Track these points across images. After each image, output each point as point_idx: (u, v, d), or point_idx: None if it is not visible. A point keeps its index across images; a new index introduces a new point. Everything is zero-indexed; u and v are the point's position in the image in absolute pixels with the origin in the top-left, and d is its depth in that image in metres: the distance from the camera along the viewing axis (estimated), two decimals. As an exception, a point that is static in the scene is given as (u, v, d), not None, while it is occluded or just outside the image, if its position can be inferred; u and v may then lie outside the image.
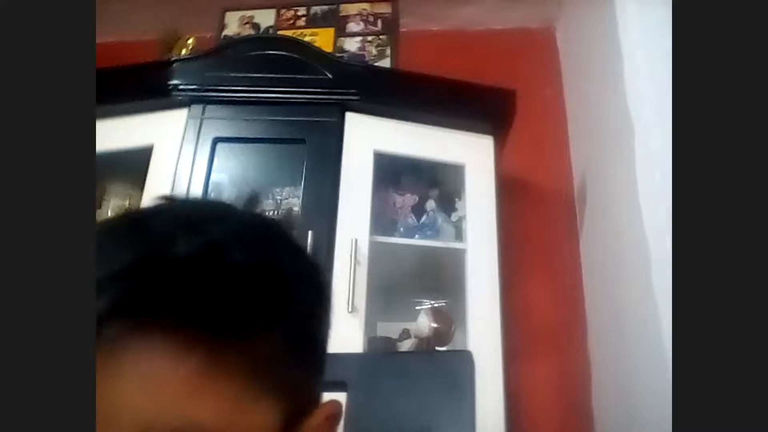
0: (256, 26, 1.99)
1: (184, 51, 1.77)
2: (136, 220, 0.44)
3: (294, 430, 0.43)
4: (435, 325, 1.45)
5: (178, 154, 1.41)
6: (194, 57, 1.59)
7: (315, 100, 1.44)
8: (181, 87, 1.46)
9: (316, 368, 0.47)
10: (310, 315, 0.45)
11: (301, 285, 0.45)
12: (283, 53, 1.50)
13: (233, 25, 2.00)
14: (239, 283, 0.39)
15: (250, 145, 1.50)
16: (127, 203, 1.53)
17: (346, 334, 1.23)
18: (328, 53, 1.72)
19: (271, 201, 1.48)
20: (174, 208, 0.46)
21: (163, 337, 0.37)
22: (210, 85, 1.47)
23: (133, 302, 0.37)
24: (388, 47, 1.89)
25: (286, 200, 1.47)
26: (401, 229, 1.50)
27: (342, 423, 0.67)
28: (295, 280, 0.44)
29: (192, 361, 0.37)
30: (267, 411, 0.41)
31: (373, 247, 1.35)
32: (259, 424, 0.40)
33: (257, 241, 0.43)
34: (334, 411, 0.47)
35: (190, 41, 1.80)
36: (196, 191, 1.37)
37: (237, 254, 0.39)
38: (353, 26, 1.94)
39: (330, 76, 1.47)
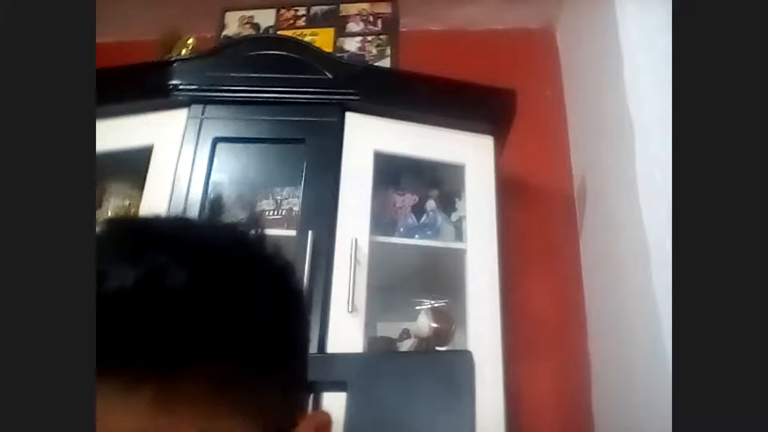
0: (256, 26, 1.99)
1: (184, 51, 1.77)
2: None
3: None
4: (435, 325, 1.44)
5: (178, 154, 1.41)
6: (194, 57, 1.59)
7: (315, 100, 1.44)
8: (181, 87, 1.46)
9: (291, 378, 0.45)
10: (274, 326, 0.42)
11: (259, 296, 0.42)
12: (283, 53, 1.50)
13: (233, 25, 2.00)
14: (181, 309, 0.36)
15: (250, 145, 1.50)
16: (127, 203, 1.53)
17: (346, 334, 1.23)
18: (328, 53, 1.72)
19: (271, 201, 1.48)
20: (111, 239, 0.41)
21: (109, 377, 0.35)
22: (210, 85, 1.47)
23: (102, 354, 0.35)
24: (388, 47, 1.89)
25: (286, 200, 1.47)
26: (401, 229, 1.50)
27: (342, 423, 0.67)
28: (249, 294, 0.41)
29: (143, 396, 0.36)
30: (242, 429, 0.39)
31: (373, 247, 1.35)
32: None
33: (208, 258, 0.40)
34: (322, 421, 0.46)
35: (190, 41, 1.80)
36: (196, 191, 1.37)
37: (180, 278, 0.37)
38: (353, 26, 1.94)
39: (330, 76, 1.47)
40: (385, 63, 1.87)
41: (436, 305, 1.51)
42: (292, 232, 1.34)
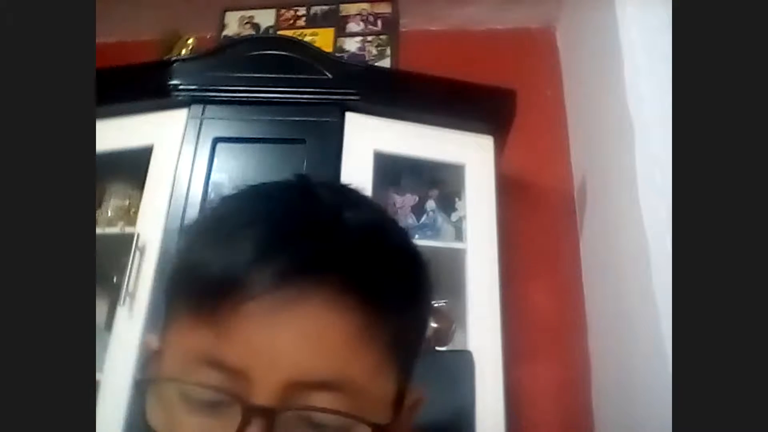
0: (256, 26, 1.99)
1: (184, 51, 1.77)
2: (300, 189, 0.46)
3: (398, 408, 0.44)
4: (435, 325, 1.44)
5: (178, 154, 1.41)
6: (194, 57, 1.59)
7: (315, 100, 1.44)
8: (181, 87, 1.46)
9: (418, 356, 0.48)
10: (430, 303, 0.49)
11: (428, 275, 0.48)
12: (283, 53, 1.50)
13: (233, 25, 2.00)
14: (398, 262, 0.44)
15: (250, 145, 1.50)
16: (127, 203, 1.53)
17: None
18: (328, 53, 1.72)
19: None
20: (322, 183, 0.48)
21: (330, 296, 0.39)
22: (210, 85, 1.47)
23: (310, 263, 0.39)
24: (388, 47, 1.89)
25: (287, 200, 1.46)
26: (401, 229, 1.50)
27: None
28: (425, 269, 0.48)
29: (353, 322, 0.40)
30: (391, 382, 0.43)
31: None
32: (385, 394, 0.42)
33: (399, 229, 0.49)
34: (420, 397, 0.49)
35: (190, 41, 1.80)
36: (196, 191, 1.37)
37: (393, 236, 0.46)
38: (353, 26, 1.94)
39: (330, 76, 1.47)
40: (385, 63, 1.87)
41: (436, 305, 1.51)
42: (292, 232, 1.34)
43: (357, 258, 0.41)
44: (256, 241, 0.40)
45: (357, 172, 1.40)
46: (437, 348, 1.43)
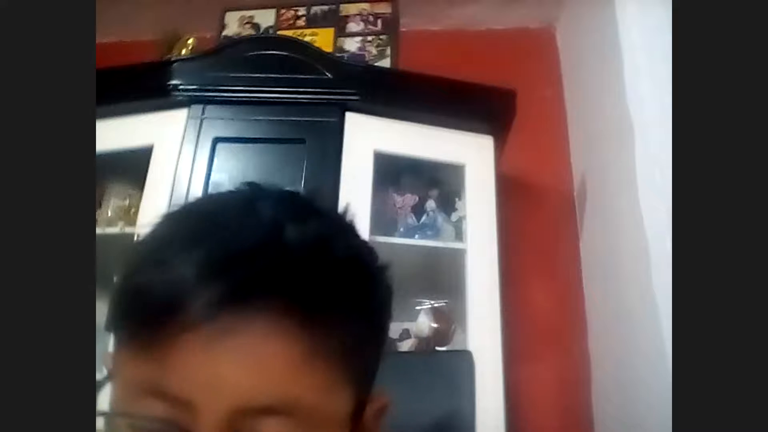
0: (256, 26, 1.99)
1: (184, 51, 1.77)
2: (239, 204, 0.45)
3: (357, 419, 0.44)
4: (435, 325, 1.45)
5: (178, 154, 1.41)
6: (194, 57, 1.59)
7: (315, 100, 1.44)
8: (181, 87, 1.46)
9: (379, 363, 0.48)
10: (385, 311, 0.48)
11: (380, 280, 0.47)
12: (283, 53, 1.50)
13: (233, 25, 2.00)
14: (342, 276, 0.42)
15: (250, 145, 1.50)
16: (127, 203, 1.53)
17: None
18: (328, 53, 1.72)
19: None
20: (269, 195, 0.47)
21: (271, 320, 0.38)
22: (210, 85, 1.47)
23: (249, 287, 0.38)
24: (388, 47, 1.89)
25: (287, 200, 1.46)
26: (401, 229, 1.50)
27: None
28: (377, 276, 0.47)
29: (297, 344, 0.39)
30: (346, 397, 0.42)
31: (373, 247, 1.34)
32: (339, 410, 0.42)
33: (348, 236, 0.47)
34: (384, 404, 0.49)
35: (190, 41, 1.80)
36: (196, 191, 1.37)
37: (339, 248, 0.43)
38: (353, 26, 1.94)
39: (330, 76, 1.46)
40: (385, 63, 1.87)
41: (436, 305, 1.51)
42: (292, 232, 1.34)
43: (298, 278, 0.39)
44: (192, 266, 0.38)
45: (357, 172, 1.40)
46: (437, 348, 1.43)
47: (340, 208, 0.51)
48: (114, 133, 1.41)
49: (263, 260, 0.39)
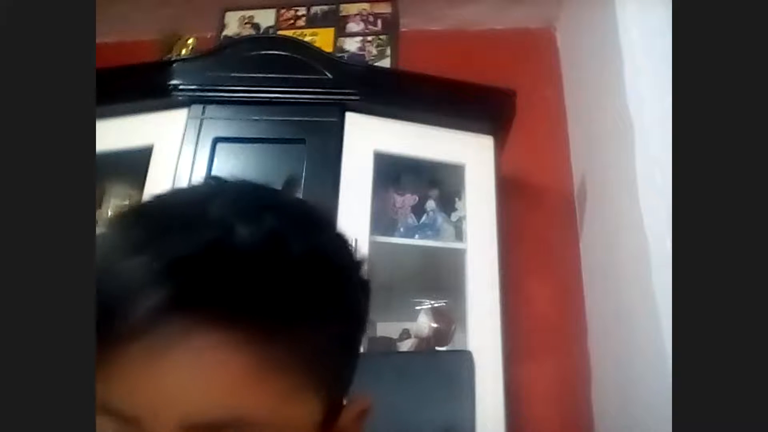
0: (256, 26, 1.99)
1: (184, 51, 1.77)
2: (189, 204, 0.42)
3: (331, 425, 0.42)
4: (435, 325, 1.45)
5: (178, 154, 1.41)
6: (194, 57, 1.59)
7: (315, 100, 1.44)
8: (181, 87, 1.46)
9: (355, 363, 0.46)
10: (356, 310, 0.45)
11: (350, 278, 0.44)
12: (283, 53, 1.50)
13: (233, 25, 2.00)
14: (299, 277, 0.38)
15: (250, 145, 1.50)
16: (127, 203, 1.53)
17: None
18: (328, 53, 1.72)
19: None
20: (224, 192, 0.44)
21: (218, 331, 0.36)
22: (210, 85, 1.47)
23: (192, 296, 0.36)
24: (388, 47, 1.89)
25: (287, 200, 1.46)
26: (401, 229, 1.50)
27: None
28: (345, 273, 0.43)
29: (247, 355, 0.36)
30: (311, 406, 0.40)
31: (373, 247, 1.35)
32: (301, 419, 0.39)
33: (311, 231, 0.42)
34: (366, 407, 0.46)
35: (190, 41, 1.80)
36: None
37: (296, 246, 0.39)
38: (353, 26, 1.94)
39: (330, 76, 1.47)
40: (385, 63, 1.87)
41: (436, 305, 1.51)
42: (292, 232, 1.34)
43: (243, 283, 0.36)
44: (135, 273, 0.36)
45: (357, 172, 1.40)
46: (437, 348, 1.43)
47: (314, 201, 0.48)
48: (114, 133, 1.41)
49: (207, 266, 0.36)
